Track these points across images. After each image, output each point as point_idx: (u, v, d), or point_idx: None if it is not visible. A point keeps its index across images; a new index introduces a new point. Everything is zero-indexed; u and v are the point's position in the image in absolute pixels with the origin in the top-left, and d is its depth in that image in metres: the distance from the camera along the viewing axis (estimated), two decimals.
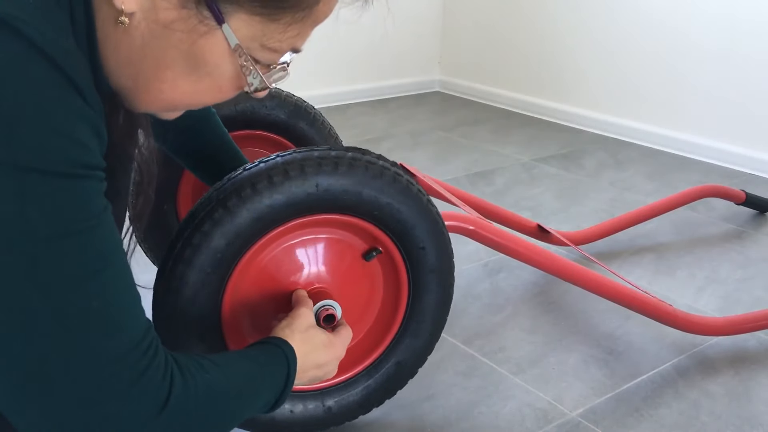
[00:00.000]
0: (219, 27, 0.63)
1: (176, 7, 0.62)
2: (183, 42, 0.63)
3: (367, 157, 1.02)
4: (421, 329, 1.15)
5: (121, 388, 0.59)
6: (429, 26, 3.72)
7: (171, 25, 0.62)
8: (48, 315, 0.55)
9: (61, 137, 0.54)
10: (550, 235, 1.78)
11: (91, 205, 0.57)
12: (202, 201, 0.97)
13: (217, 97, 0.70)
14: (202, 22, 0.62)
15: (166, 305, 0.95)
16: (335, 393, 1.14)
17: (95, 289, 0.58)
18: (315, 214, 1.00)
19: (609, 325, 1.59)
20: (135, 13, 0.62)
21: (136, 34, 0.63)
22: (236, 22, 0.63)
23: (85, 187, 0.57)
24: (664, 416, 1.30)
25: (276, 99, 1.39)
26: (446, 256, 1.12)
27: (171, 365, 0.64)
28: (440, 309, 1.16)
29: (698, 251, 1.98)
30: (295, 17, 0.65)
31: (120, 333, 0.59)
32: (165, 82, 0.66)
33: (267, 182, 0.94)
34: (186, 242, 0.94)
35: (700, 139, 2.79)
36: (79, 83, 0.56)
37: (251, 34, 0.65)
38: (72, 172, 0.55)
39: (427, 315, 1.14)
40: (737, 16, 2.61)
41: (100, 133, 0.59)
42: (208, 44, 0.64)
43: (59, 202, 0.55)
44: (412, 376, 1.19)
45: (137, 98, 0.68)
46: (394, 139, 2.93)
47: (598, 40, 3.08)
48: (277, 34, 0.66)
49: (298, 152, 0.98)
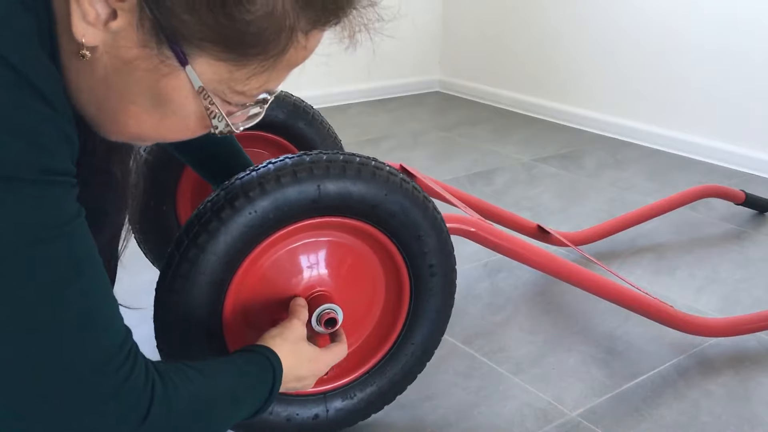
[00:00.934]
0: (182, 68, 0.60)
1: (137, 46, 0.59)
2: (146, 80, 0.61)
3: (375, 163, 1.02)
4: (423, 333, 1.15)
5: (100, 399, 0.58)
6: (429, 26, 3.72)
7: (133, 62, 0.60)
8: (20, 327, 0.54)
9: (20, 141, 0.52)
10: (550, 235, 1.78)
11: (60, 211, 0.56)
12: (210, 200, 0.96)
13: (185, 134, 0.67)
14: (164, 62, 0.60)
15: (169, 307, 0.95)
16: (336, 397, 1.14)
17: (69, 298, 0.56)
18: (319, 217, 1.00)
19: (609, 325, 1.59)
20: (97, 46, 0.59)
21: (98, 67, 0.60)
22: (201, 65, 0.61)
23: (53, 193, 0.55)
24: (664, 416, 1.30)
25: (275, 99, 1.39)
26: (448, 260, 1.13)
27: (152, 375, 0.63)
28: (442, 312, 1.16)
29: (698, 251, 1.98)
30: (263, 65, 0.62)
31: (97, 342, 0.58)
32: (131, 117, 0.63)
33: (275, 183, 0.94)
34: (191, 243, 0.94)
35: (700, 139, 2.79)
36: (42, 88, 0.54)
37: (218, 78, 0.62)
38: (37, 178, 0.53)
39: (429, 319, 1.14)
40: (737, 16, 2.61)
41: (70, 138, 0.57)
42: (172, 84, 0.61)
43: (26, 209, 0.53)
44: (412, 380, 1.19)
45: (103, 127, 0.66)
46: (394, 139, 2.93)
47: (597, 40, 3.08)
48: (245, 79, 0.63)
49: (306, 155, 0.98)
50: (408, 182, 1.05)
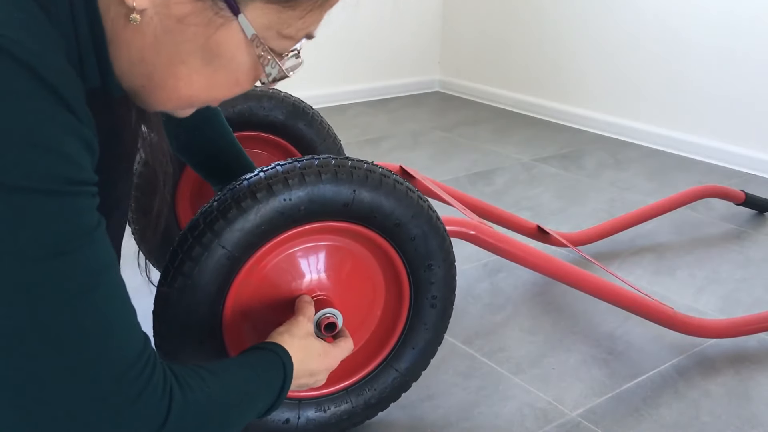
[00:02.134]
0: (235, 18, 0.62)
1: (190, 1, 0.60)
2: (198, 36, 0.62)
3: (381, 170, 1.02)
4: (408, 363, 1.15)
5: (120, 407, 0.58)
6: (429, 26, 3.72)
7: (185, 19, 0.61)
8: (41, 338, 0.54)
9: (48, 153, 0.53)
10: (550, 236, 1.78)
11: (82, 222, 0.56)
12: (217, 199, 0.96)
13: (234, 90, 0.68)
14: (218, 13, 0.61)
15: (169, 305, 0.95)
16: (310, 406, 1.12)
17: (89, 307, 0.56)
18: (318, 222, 1.00)
19: (609, 325, 1.59)
20: (146, 9, 0.60)
21: (148, 31, 0.61)
22: (252, 11, 0.62)
23: (76, 204, 0.55)
24: (664, 416, 1.30)
25: (274, 100, 1.38)
26: (450, 296, 1.13)
27: (170, 380, 0.63)
28: (431, 345, 1.16)
29: (698, 251, 1.98)
30: (315, 3, 0.64)
31: (116, 350, 0.58)
32: (180, 79, 0.64)
33: (282, 185, 0.94)
34: (194, 243, 0.94)
35: (700, 139, 2.79)
36: (68, 98, 0.54)
37: (267, 23, 0.63)
38: (62, 189, 0.54)
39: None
40: (737, 16, 2.61)
41: (91, 146, 0.57)
42: (224, 36, 0.62)
43: (49, 221, 0.53)
44: (385, 408, 1.19)
45: (152, 97, 0.67)
46: (394, 139, 2.93)
47: (598, 40, 3.08)
48: (294, 21, 0.64)
49: (314, 158, 0.99)
50: (433, 210, 1.06)
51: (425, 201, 1.06)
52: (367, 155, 2.65)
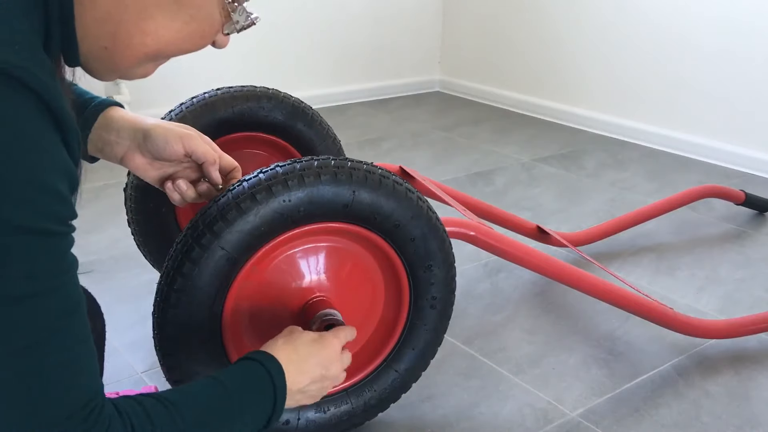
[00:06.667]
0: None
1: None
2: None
3: (381, 171, 1.02)
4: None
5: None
6: (429, 26, 3.72)
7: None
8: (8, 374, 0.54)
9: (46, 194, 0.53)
10: (550, 236, 1.78)
11: (63, 262, 0.56)
12: (216, 200, 0.96)
13: (199, 44, 0.69)
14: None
15: (169, 306, 0.95)
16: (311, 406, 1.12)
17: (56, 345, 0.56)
18: (317, 223, 0.99)
19: (609, 326, 1.59)
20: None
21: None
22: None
23: (62, 244, 0.56)
24: (664, 416, 1.30)
25: (273, 100, 1.38)
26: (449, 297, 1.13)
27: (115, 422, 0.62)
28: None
29: (698, 251, 1.98)
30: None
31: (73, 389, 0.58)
32: (148, 35, 0.65)
33: (282, 186, 0.94)
34: (195, 243, 0.94)
35: (700, 139, 2.79)
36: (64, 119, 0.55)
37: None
38: (53, 229, 0.54)
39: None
40: (737, 17, 2.61)
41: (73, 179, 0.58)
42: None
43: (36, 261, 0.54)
44: (385, 408, 1.19)
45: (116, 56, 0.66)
46: (394, 139, 2.93)
47: (598, 40, 3.08)
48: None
49: (314, 159, 0.98)
50: (433, 211, 1.06)
51: (425, 202, 1.06)
52: (367, 155, 2.65)
